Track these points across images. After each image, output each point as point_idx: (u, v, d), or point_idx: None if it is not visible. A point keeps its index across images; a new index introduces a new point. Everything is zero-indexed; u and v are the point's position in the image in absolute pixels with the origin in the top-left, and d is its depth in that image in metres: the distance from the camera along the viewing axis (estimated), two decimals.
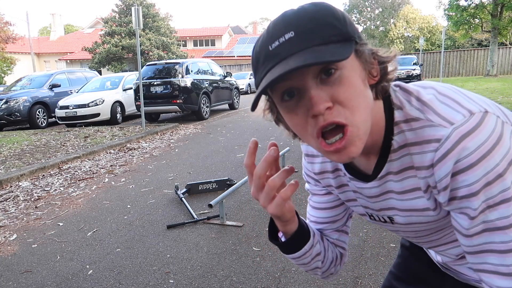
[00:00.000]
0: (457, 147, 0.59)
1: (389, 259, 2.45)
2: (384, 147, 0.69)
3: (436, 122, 0.62)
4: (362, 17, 44.12)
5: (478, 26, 22.43)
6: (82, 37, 36.66)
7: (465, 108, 0.62)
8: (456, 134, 0.59)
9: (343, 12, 0.60)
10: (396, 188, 0.72)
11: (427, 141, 0.63)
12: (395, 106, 0.67)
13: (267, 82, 0.54)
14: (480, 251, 0.63)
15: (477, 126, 0.59)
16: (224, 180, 4.13)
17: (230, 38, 37.87)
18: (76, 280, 2.45)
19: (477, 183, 0.59)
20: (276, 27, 0.57)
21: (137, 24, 7.97)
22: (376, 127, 0.67)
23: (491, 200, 0.59)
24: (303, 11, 0.57)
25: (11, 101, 10.27)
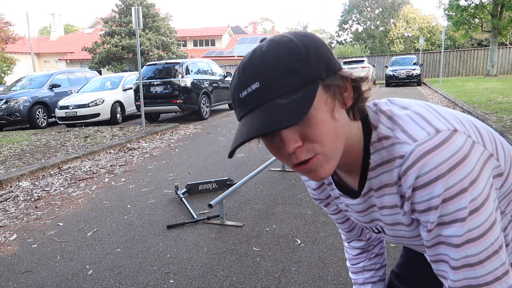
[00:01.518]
0: (418, 163, 0.62)
1: (389, 259, 2.45)
2: (364, 165, 0.73)
3: (402, 139, 0.65)
4: (362, 17, 44.11)
5: (478, 26, 22.42)
6: (82, 37, 36.65)
7: (432, 125, 0.64)
8: (418, 151, 0.62)
9: (308, 46, 0.60)
10: (377, 203, 0.76)
11: (394, 158, 0.66)
12: (373, 127, 0.70)
13: (235, 145, 0.61)
14: (437, 260, 0.68)
15: (440, 144, 0.61)
16: (224, 180, 4.13)
17: (230, 38, 37.86)
18: (76, 280, 2.45)
19: (434, 199, 0.62)
20: (245, 74, 0.61)
21: (137, 24, 7.97)
22: (355, 147, 0.70)
23: (446, 217, 0.62)
24: (267, 56, 0.59)
25: (11, 101, 10.28)
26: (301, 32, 0.64)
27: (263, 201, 3.68)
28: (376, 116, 0.70)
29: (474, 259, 0.62)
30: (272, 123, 0.56)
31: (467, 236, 0.61)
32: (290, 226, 3.07)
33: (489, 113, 7.62)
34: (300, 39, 0.61)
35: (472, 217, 0.60)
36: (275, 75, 0.58)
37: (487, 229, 0.61)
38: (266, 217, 3.28)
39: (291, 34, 0.63)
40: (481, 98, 10.36)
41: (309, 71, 0.59)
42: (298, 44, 0.60)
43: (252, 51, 0.63)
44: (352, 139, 0.69)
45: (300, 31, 0.65)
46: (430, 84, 17.88)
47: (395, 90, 16.08)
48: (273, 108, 0.57)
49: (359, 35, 44.12)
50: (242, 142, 0.59)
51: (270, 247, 2.73)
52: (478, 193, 0.61)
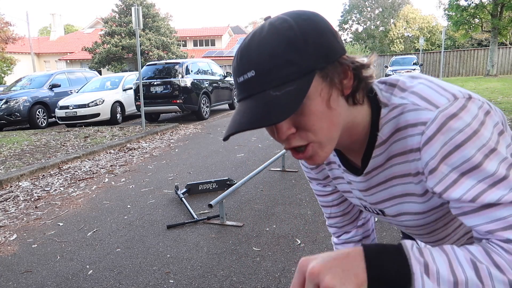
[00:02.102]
0: (442, 129, 0.61)
1: None
2: (369, 143, 0.72)
3: (421, 105, 0.64)
4: (362, 17, 44.11)
5: (478, 26, 22.42)
6: (82, 37, 36.64)
7: (450, 92, 0.64)
8: (441, 116, 0.61)
9: (308, 33, 0.59)
10: (382, 178, 0.75)
11: (413, 124, 0.64)
12: (383, 105, 0.69)
13: (229, 132, 0.61)
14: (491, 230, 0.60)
15: (461, 109, 0.61)
16: (224, 180, 4.13)
17: (230, 38, 37.86)
18: (76, 280, 2.45)
19: (467, 163, 0.60)
20: (242, 60, 0.61)
21: (137, 24, 7.97)
22: (359, 128, 0.70)
23: (489, 179, 0.59)
24: (264, 44, 0.59)
25: (11, 101, 10.27)
26: (305, 15, 0.62)
27: (263, 201, 3.68)
28: (385, 92, 0.70)
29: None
30: (262, 119, 0.58)
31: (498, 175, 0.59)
32: (290, 226, 3.07)
33: None
34: (301, 25, 0.60)
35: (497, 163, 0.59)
36: (271, 65, 0.58)
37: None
38: (266, 217, 3.28)
39: (292, 18, 0.61)
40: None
41: (305, 63, 0.59)
42: (297, 33, 0.59)
43: (252, 35, 0.62)
44: (354, 121, 0.68)
45: (304, 13, 0.62)
46: None
47: None
48: (265, 100, 0.58)
49: (359, 35, 44.11)
50: (234, 132, 0.61)
51: (270, 247, 2.73)
52: (507, 144, 0.62)
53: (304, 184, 4.12)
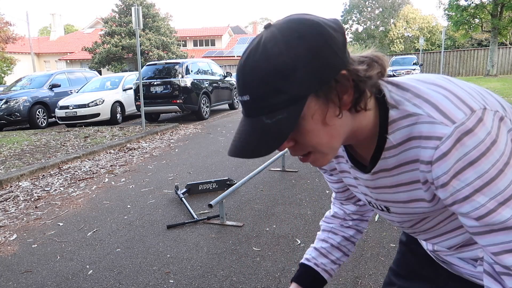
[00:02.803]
0: (457, 145, 0.60)
1: (389, 259, 2.45)
2: (378, 144, 0.71)
3: (437, 119, 0.62)
4: (362, 17, 44.12)
5: (478, 26, 22.43)
6: (82, 37, 36.64)
7: (467, 105, 0.63)
8: (457, 132, 0.60)
9: (299, 60, 0.58)
10: (387, 183, 0.75)
11: (427, 137, 0.63)
12: (390, 106, 0.68)
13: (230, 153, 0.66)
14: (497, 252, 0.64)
15: (476, 124, 0.60)
16: (224, 180, 4.13)
17: (230, 38, 37.85)
18: (76, 280, 2.45)
19: (479, 180, 0.60)
20: (239, 82, 0.63)
21: (137, 24, 7.97)
22: (366, 131, 0.70)
23: (499, 197, 0.60)
24: (256, 71, 0.60)
25: (11, 101, 10.28)
26: (299, 31, 0.59)
27: (263, 201, 3.68)
28: (396, 94, 0.68)
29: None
30: (253, 150, 0.62)
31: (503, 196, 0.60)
32: (290, 226, 3.07)
33: None
34: (292, 48, 0.58)
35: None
36: (262, 92, 0.60)
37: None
38: (266, 217, 3.28)
39: (285, 39, 0.59)
40: None
41: (295, 91, 0.59)
42: (286, 60, 0.58)
43: (247, 55, 0.62)
44: (360, 126, 0.68)
45: (300, 28, 0.60)
46: None
47: None
48: (259, 128, 0.62)
49: (359, 35, 44.12)
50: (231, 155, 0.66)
51: (270, 247, 2.73)
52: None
53: (304, 184, 4.13)
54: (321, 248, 1.07)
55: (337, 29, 0.62)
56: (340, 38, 0.62)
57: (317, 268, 1.04)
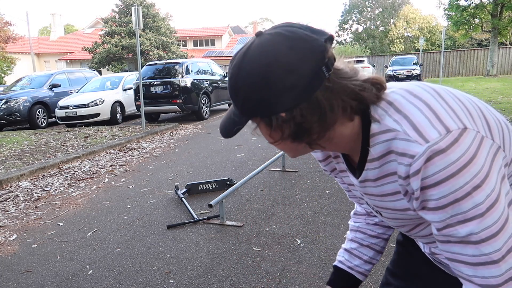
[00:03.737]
0: (427, 163, 0.62)
1: (389, 259, 2.44)
2: (361, 156, 0.74)
3: (412, 137, 0.64)
4: (362, 17, 44.11)
5: (478, 26, 22.42)
6: (82, 37, 36.63)
7: (443, 124, 0.63)
8: (429, 152, 0.61)
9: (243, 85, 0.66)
10: (375, 192, 0.77)
11: (403, 154, 0.66)
12: (373, 119, 0.70)
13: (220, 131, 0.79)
14: (451, 258, 0.68)
15: (451, 145, 0.61)
16: (224, 180, 4.13)
17: (230, 38, 37.85)
18: (76, 280, 2.45)
19: (443, 199, 0.62)
20: (228, 83, 0.71)
21: (137, 24, 7.97)
22: (351, 141, 0.73)
23: (460, 216, 0.62)
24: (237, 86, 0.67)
25: (11, 101, 10.27)
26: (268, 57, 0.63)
27: (263, 201, 3.68)
28: (381, 108, 0.70)
29: (497, 255, 0.62)
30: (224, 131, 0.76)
31: (486, 233, 0.61)
32: (290, 226, 3.07)
33: None
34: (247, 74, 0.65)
35: (488, 215, 0.61)
36: (237, 101, 0.69)
37: (503, 224, 0.61)
38: (266, 217, 3.28)
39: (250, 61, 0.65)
40: (481, 98, 10.36)
41: (248, 112, 0.69)
42: (234, 84, 0.68)
43: (233, 65, 0.69)
44: (342, 134, 0.71)
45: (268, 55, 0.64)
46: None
47: None
48: (230, 119, 0.74)
49: (359, 35, 44.11)
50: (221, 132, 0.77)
51: (270, 247, 2.73)
52: (491, 189, 0.61)
53: (304, 184, 4.13)
54: (352, 249, 1.07)
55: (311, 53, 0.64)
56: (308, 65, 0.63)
57: (351, 271, 1.05)
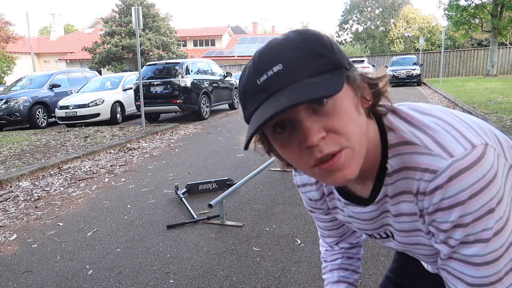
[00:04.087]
0: (452, 181, 0.57)
1: (389, 259, 2.45)
2: (380, 170, 0.68)
3: (434, 151, 0.59)
4: (362, 17, 44.12)
5: (478, 26, 22.41)
6: (82, 37, 36.63)
7: (468, 139, 0.59)
8: (453, 168, 0.57)
9: (330, 39, 0.58)
10: (392, 210, 0.71)
11: (423, 169, 0.61)
12: (387, 128, 0.65)
13: (260, 122, 0.52)
14: (451, 274, 0.65)
15: (477, 161, 0.57)
16: (224, 180, 4.13)
17: (230, 38, 37.85)
18: (76, 280, 2.45)
19: (465, 218, 0.58)
20: (262, 60, 0.55)
21: (137, 24, 7.97)
22: (372, 151, 0.65)
23: (471, 237, 0.59)
24: (288, 41, 0.55)
25: (11, 101, 10.28)
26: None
27: (263, 201, 3.68)
28: (392, 119, 0.66)
29: (495, 277, 0.60)
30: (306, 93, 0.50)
31: (491, 256, 0.59)
32: (290, 226, 3.07)
33: (489, 113, 7.62)
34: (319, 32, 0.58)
35: (497, 238, 0.58)
36: (300, 57, 0.54)
37: (507, 247, 0.59)
38: (266, 217, 3.28)
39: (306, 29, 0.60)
40: (481, 98, 10.36)
41: (335, 58, 0.55)
42: (320, 33, 0.58)
43: (269, 41, 0.58)
44: (369, 142, 0.64)
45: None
46: (430, 84, 17.88)
47: (395, 90, 16.07)
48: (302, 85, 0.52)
49: (359, 35, 44.13)
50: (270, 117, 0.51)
51: (270, 247, 2.73)
52: (503, 211, 0.58)
53: None
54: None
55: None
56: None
57: None
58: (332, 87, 0.51)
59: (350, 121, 0.56)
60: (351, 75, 0.58)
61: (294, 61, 0.53)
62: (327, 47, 0.56)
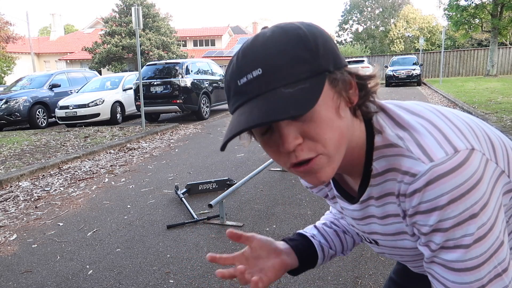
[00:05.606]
0: (429, 186, 0.57)
1: (389, 259, 2.45)
2: (365, 171, 0.68)
3: (415, 154, 0.59)
4: (363, 17, 44.13)
5: (478, 26, 22.41)
6: (82, 37, 36.63)
7: (451, 143, 0.58)
8: (432, 172, 0.56)
9: (317, 37, 0.56)
10: (377, 213, 0.71)
11: (404, 172, 0.61)
12: (376, 131, 0.65)
13: (231, 134, 0.54)
14: (433, 277, 0.64)
15: (457, 167, 0.56)
16: (224, 180, 4.13)
17: (230, 38, 37.85)
18: (76, 280, 2.45)
19: (444, 222, 0.57)
20: (245, 60, 0.56)
21: (137, 24, 7.97)
22: (356, 150, 0.65)
23: (450, 242, 0.58)
24: (272, 42, 0.55)
25: (11, 101, 10.28)
26: (308, 22, 0.59)
27: (263, 201, 3.68)
28: (381, 120, 0.65)
29: (477, 284, 0.59)
30: (277, 111, 0.51)
31: (472, 263, 0.58)
32: (290, 226, 3.07)
33: (489, 113, 7.62)
34: (308, 28, 0.56)
35: (478, 244, 0.57)
36: (281, 62, 0.53)
37: (491, 254, 0.58)
38: (266, 217, 3.28)
39: (298, 23, 0.58)
40: (481, 98, 10.36)
41: (317, 62, 0.55)
42: (306, 33, 0.55)
43: (255, 36, 0.58)
44: (354, 141, 0.64)
45: (306, 21, 0.60)
46: (430, 84, 17.88)
47: (395, 90, 16.07)
48: (276, 97, 0.52)
49: (359, 35, 44.14)
50: (240, 131, 0.52)
51: None
52: (487, 218, 0.57)
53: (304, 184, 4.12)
54: (323, 229, 0.99)
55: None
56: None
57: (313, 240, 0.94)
58: (304, 105, 0.51)
59: (327, 128, 0.56)
60: (335, 78, 0.57)
61: (273, 67, 0.54)
62: (310, 49, 0.55)
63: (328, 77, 0.56)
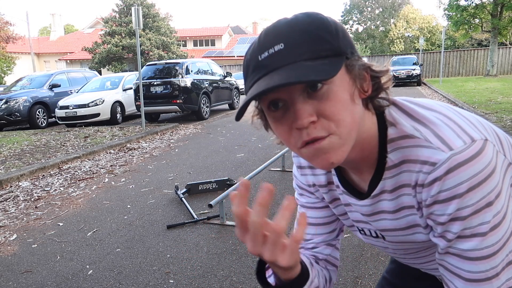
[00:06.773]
0: (449, 174, 0.58)
1: (389, 259, 2.44)
2: (378, 164, 0.68)
3: (434, 144, 0.60)
4: (363, 17, 44.12)
5: (478, 26, 22.41)
6: (82, 37, 36.63)
7: (467, 133, 0.60)
8: (452, 160, 0.58)
9: (337, 24, 0.59)
10: (389, 207, 0.71)
11: (423, 161, 0.61)
12: (388, 123, 0.66)
13: (252, 95, 0.55)
14: (447, 269, 0.65)
15: (475, 155, 0.58)
16: (224, 180, 4.13)
17: (230, 38, 37.85)
18: (76, 280, 2.45)
19: (463, 211, 0.58)
20: (267, 37, 0.58)
21: (137, 24, 7.97)
22: (367, 143, 0.66)
23: (467, 231, 0.59)
24: (295, 22, 0.57)
25: (11, 101, 10.28)
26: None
27: None
28: (394, 113, 0.66)
29: (492, 272, 0.60)
30: (298, 76, 0.52)
31: (488, 251, 0.59)
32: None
33: (489, 113, 7.62)
34: (329, 16, 0.60)
35: (494, 232, 0.59)
36: (303, 39, 0.55)
37: (504, 242, 0.59)
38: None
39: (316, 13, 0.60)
40: (481, 98, 10.36)
41: (337, 44, 0.57)
42: (328, 19, 0.58)
43: (278, 19, 0.60)
44: (365, 133, 0.64)
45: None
46: (430, 84, 17.89)
47: (395, 90, 16.08)
48: (297, 67, 0.54)
49: (359, 35, 44.12)
50: (259, 93, 0.53)
51: None
52: (501, 206, 0.59)
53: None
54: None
55: None
56: None
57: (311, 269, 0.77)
58: (325, 73, 0.52)
59: (342, 109, 0.57)
60: (352, 63, 0.59)
61: (296, 43, 0.55)
62: (331, 32, 0.57)
63: (345, 61, 0.57)
